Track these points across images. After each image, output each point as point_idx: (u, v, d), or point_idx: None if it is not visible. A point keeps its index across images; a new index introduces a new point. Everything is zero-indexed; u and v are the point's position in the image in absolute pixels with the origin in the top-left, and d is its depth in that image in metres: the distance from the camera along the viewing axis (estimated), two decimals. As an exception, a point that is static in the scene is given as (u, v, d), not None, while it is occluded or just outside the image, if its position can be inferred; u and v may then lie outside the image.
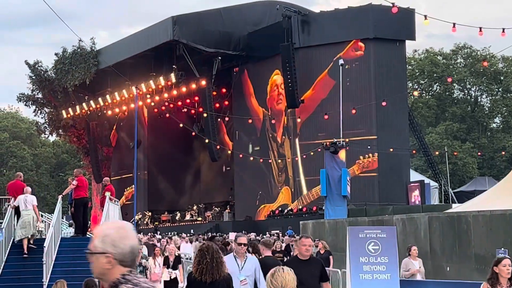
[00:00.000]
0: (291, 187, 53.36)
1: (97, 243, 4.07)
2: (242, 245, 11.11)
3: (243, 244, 11.17)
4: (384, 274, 13.97)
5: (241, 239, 11.25)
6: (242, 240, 11.22)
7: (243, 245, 11.16)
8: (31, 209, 21.60)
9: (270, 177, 55.45)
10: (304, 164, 51.87)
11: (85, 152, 70.39)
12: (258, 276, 10.99)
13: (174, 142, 64.06)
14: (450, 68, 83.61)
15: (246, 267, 11.00)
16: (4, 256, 20.85)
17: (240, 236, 11.52)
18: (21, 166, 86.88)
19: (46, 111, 67.76)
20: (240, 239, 11.25)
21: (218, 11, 56.94)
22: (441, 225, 19.96)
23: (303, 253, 11.02)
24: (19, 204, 21.65)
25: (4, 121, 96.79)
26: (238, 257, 11.04)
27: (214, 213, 59.44)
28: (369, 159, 49.45)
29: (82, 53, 62.11)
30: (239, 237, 11.41)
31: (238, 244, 11.16)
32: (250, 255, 12.14)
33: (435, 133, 77.65)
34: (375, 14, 50.52)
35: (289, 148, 53.68)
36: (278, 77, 54.15)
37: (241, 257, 11.04)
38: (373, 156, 49.48)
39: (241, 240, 11.23)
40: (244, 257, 11.09)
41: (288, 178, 53.80)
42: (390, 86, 50.01)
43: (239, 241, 11.18)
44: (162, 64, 56.19)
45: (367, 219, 26.85)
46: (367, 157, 49.41)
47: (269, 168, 55.50)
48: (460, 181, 73.55)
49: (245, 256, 11.17)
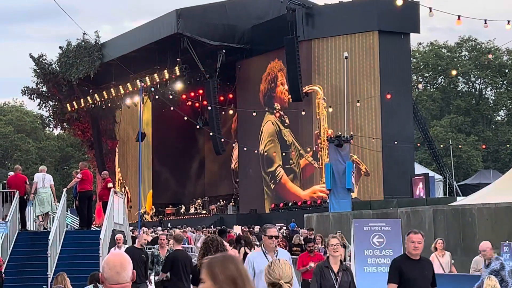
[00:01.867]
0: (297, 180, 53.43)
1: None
2: (272, 238, 9.75)
3: (274, 236, 9.80)
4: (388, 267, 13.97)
5: (271, 231, 9.85)
6: (272, 232, 9.83)
7: (274, 238, 9.78)
8: (49, 187, 22.93)
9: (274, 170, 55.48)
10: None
11: (90, 146, 70.45)
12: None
13: (178, 135, 64.10)
14: (455, 61, 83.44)
15: None
16: (9, 249, 20.90)
17: (270, 228, 9.99)
18: (26, 159, 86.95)
19: (50, 105, 67.78)
20: (269, 231, 9.84)
21: (223, 4, 56.89)
22: (445, 218, 19.98)
23: (412, 251, 9.55)
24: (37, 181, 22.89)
25: (9, 115, 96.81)
26: (268, 252, 9.70)
27: (219, 206, 59.47)
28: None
29: (86, 47, 62.08)
30: (268, 229, 9.93)
31: (268, 237, 9.79)
32: (282, 249, 10.91)
33: (439, 126, 77.52)
34: (380, 7, 50.43)
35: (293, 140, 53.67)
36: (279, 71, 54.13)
37: (271, 252, 9.71)
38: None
39: (271, 232, 9.83)
40: (274, 252, 9.76)
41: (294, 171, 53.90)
42: (395, 79, 49.93)
43: (269, 233, 9.80)
44: (167, 57, 56.16)
45: (372, 212, 26.87)
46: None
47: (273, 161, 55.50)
48: (464, 174, 73.45)
49: (276, 251, 9.83)
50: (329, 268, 9.97)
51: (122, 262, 4.75)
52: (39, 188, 22.84)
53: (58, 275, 12.40)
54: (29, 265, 20.61)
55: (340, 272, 9.97)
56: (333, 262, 10.02)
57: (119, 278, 4.65)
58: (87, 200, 23.58)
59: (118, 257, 4.80)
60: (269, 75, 55.95)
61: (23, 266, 20.49)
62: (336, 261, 10.01)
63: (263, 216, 52.34)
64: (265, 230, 9.98)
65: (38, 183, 22.87)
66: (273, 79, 55.79)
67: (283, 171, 54.57)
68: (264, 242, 9.88)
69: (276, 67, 55.28)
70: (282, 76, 54.33)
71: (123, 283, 4.66)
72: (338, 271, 9.96)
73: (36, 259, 20.61)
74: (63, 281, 12.07)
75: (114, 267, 4.67)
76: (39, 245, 21.04)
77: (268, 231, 9.80)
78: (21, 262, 20.55)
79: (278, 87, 55.31)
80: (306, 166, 52.84)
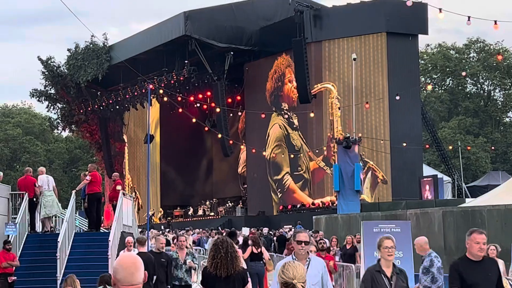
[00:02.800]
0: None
1: None
2: (302, 243, 8.74)
3: (304, 242, 8.76)
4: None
5: (301, 236, 8.84)
6: (302, 237, 8.80)
7: (304, 243, 8.75)
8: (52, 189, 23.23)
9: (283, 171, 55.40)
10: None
11: (98, 148, 70.52)
12: (326, 281, 8.97)
13: (187, 137, 64.15)
14: (463, 63, 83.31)
15: (310, 273, 8.51)
16: (18, 251, 20.92)
17: (299, 232, 9.01)
18: (34, 161, 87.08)
19: (58, 107, 67.90)
20: (299, 236, 8.84)
21: (230, 6, 56.92)
22: (455, 220, 19.91)
23: (477, 253, 8.72)
24: (42, 184, 23.01)
25: (17, 117, 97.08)
26: (299, 260, 8.52)
27: (227, 208, 59.46)
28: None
29: (94, 49, 62.18)
30: (298, 233, 8.94)
31: (298, 242, 8.77)
32: (314, 255, 9.92)
33: (448, 128, 77.37)
34: (388, 8, 50.42)
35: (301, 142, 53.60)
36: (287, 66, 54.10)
37: (302, 260, 8.64)
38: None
39: (300, 237, 8.81)
40: (306, 259, 8.75)
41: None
42: (403, 80, 49.87)
43: (299, 238, 8.80)
44: (175, 59, 56.21)
45: (381, 213, 26.80)
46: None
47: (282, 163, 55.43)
48: (473, 176, 73.28)
49: (308, 258, 8.81)
50: (381, 273, 9.07)
51: (135, 262, 4.73)
52: (45, 190, 22.97)
53: (68, 277, 12.40)
54: (38, 267, 20.62)
55: (393, 276, 9.11)
56: (385, 266, 9.08)
57: (133, 279, 4.63)
58: (95, 202, 23.61)
59: (130, 258, 4.77)
60: (275, 73, 55.86)
61: (32, 268, 20.50)
62: (388, 265, 9.09)
63: (271, 218, 52.32)
64: (294, 235, 8.99)
65: (44, 186, 23.00)
66: (280, 76, 55.65)
67: (291, 178, 54.28)
68: (294, 248, 8.87)
69: (284, 63, 55.13)
70: (290, 73, 54.12)
71: (136, 284, 4.64)
72: (392, 275, 9.11)
73: (45, 261, 20.62)
74: (73, 283, 12.07)
75: (128, 268, 4.65)
76: (48, 247, 21.05)
77: (298, 236, 8.82)
78: (30, 264, 20.55)
79: (285, 84, 55.15)
80: (316, 172, 52.49)
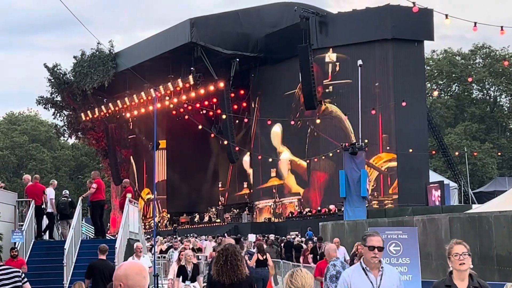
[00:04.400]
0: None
1: None
2: (375, 249, 7.06)
3: (377, 248, 7.07)
4: (405, 275, 13.87)
5: (373, 240, 7.11)
6: (375, 242, 7.09)
7: (377, 249, 7.06)
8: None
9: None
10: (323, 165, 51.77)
11: (104, 155, 70.60)
12: None
13: (193, 144, 64.16)
14: (469, 68, 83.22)
15: (384, 286, 7.13)
16: (25, 258, 20.92)
17: (371, 235, 7.18)
18: (41, 168, 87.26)
19: (65, 114, 68.07)
20: (371, 240, 7.11)
21: (236, 13, 57.01)
22: (462, 226, 19.85)
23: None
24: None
25: (24, 124, 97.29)
26: (370, 269, 7.14)
27: (233, 214, 59.42)
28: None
29: (100, 56, 62.33)
30: (370, 237, 7.15)
31: (369, 248, 7.09)
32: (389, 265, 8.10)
33: (454, 134, 77.27)
34: (393, 15, 50.40)
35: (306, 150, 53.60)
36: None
37: (374, 269, 7.14)
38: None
39: (373, 241, 7.10)
40: (379, 269, 7.16)
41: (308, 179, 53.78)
42: (409, 86, 49.81)
43: (371, 243, 7.10)
44: (180, 66, 56.30)
45: (387, 220, 26.73)
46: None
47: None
48: (479, 182, 73.12)
49: (381, 268, 7.17)
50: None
51: (144, 267, 4.83)
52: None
53: (76, 283, 12.41)
54: (45, 274, 20.60)
55: None
56: (458, 278, 6.89)
57: (145, 283, 4.72)
58: (99, 210, 23.57)
59: (138, 264, 4.87)
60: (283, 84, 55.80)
61: (39, 275, 20.47)
62: (462, 276, 6.88)
63: (278, 225, 52.28)
64: (365, 238, 7.19)
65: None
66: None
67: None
68: (364, 255, 7.19)
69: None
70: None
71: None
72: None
73: (52, 268, 20.61)
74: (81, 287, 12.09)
75: (141, 272, 4.72)
76: (54, 254, 21.06)
77: (369, 240, 7.09)
78: (37, 272, 20.54)
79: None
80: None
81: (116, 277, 4.69)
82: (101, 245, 17.44)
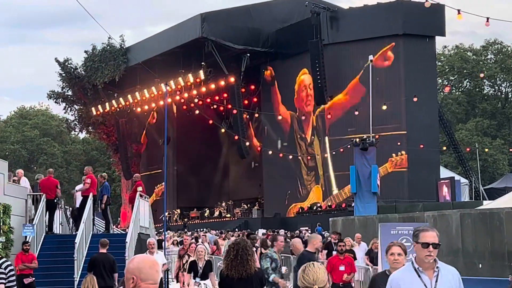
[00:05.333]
0: (322, 185, 53.13)
1: None
2: (429, 246, 6.09)
3: (432, 244, 6.10)
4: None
5: (427, 236, 6.14)
6: (429, 237, 6.13)
7: (432, 246, 6.09)
8: None
9: (300, 174, 55.28)
10: (334, 161, 51.68)
11: (115, 149, 70.73)
12: None
13: (203, 139, 64.21)
14: (480, 64, 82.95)
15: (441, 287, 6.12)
16: (36, 252, 20.98)
17: (425, 231, 6.22)
18: (51, 163, 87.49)
19: (76, 108, 68.21)
20: (424, 236, 6.14)
21: (247, 8, 56.96)
22: (473, 222, 19.80)
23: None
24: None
25: (35, 119, 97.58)
26: (424, 269, 6.18)
27: (243, 209, 59.43)
28: (401, 156, 49.10)
29: (111, 51, 62.41)
30: (423, 232, 6.17)
31: (423, 244, 6.12)
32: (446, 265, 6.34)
33: (465, 130, 77.06)
34: (405, 10, 50.23)
35: (319, 146, 53.50)
36: (306, 77, 53.96)
37: (428, 269, 6.17)
38: (401, 155, 49.20)
39: (426, 237, 6.13)
40: (434, 269, 6.17)
41: (318, 177, 53.60)
42: (420, 82, 49.67)
43: (424, 239, 6.13)
44: (191, 61, 56.31)
45: (398, 216, 26.70)
46: (399, 155, 49.08)
47: (298, 165, 55.33)
48: (490, 178, 72.89)
49: (436, 267, 6.17)
50: None
51: (156, 261, 4.82)
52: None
53: (87, 276, 12.45)
54: (55, 268, 20.67)
55: None
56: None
57: (157, 277, 4.69)
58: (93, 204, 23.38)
59: (150, 258, 4.84)
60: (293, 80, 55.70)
61: (50, 269, 20.56)
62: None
63: (288, 220, 52.26)
64: (417, 234, 6.23)
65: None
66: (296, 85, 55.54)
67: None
68: (417, 254, 6.24)
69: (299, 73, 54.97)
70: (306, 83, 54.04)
71: (157, 283, 4.69)
72: None
73: (63, 262, 20.68)
74: (92, 281, 12.12)
75: (154, 266, 4.70)
76: (65, 248, 21.12)
77: (423, 236, 6.12)
78: (48, 265, 20.61)
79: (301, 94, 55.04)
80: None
81: (129, 270, 4.64)
82: (102, 239, 17.76)
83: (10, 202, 20.37)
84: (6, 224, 19.75)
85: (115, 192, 78.27)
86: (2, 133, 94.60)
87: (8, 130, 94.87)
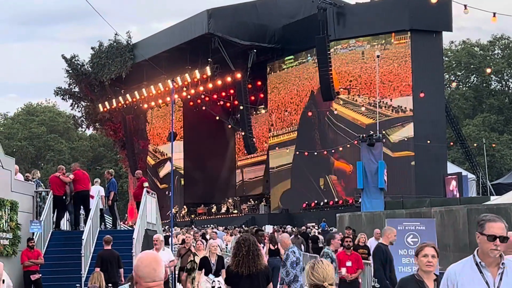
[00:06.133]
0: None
1: None
2: (496, 239, 5.35)
3: (499, 237, 5.37)
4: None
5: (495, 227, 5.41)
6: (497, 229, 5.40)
7: (499, 239, 5.37)
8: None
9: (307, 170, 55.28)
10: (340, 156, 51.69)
11: (122, 145, 70.81)
12: None
13: (210, 135, 64.21)
14: (487, 60, 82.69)
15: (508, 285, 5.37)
16: (43, 249, 21.01)
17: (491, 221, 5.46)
18: (59, 159, 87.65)
19: (82, 105, 68.29)
20: (492, 227, 5.41)
21: (253, 4, 56.92)
22: (480, 218, 19.72)
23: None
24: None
25: (42, 115, 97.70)
26: (488, 265, 5.44)
27: (250, 205, 59.45)
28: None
29: (118, 47, 62.44)
30: (489, 222, 5.44)
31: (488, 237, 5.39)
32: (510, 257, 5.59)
33: (472, 125, 76.85)
34: (411, 6, 50.10)
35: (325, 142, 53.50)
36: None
37: (492, 265, 5.44)
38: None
39: (493, 228, 5.41)
40: (499, 265, 5.43)
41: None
42: (427, 77, 49.58)
43: (491, 231, 5.40)
44: (198, 57, 56.30)
45: (405, 211, 26.62)
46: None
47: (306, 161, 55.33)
48: (498, 173, 72.69)
49: (502, 264, 5.42)
50: None
51: (156, 258, 4.74)
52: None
53: (94, 273, 12.49)
54: (63, 264, 20.68)
55: None
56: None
57: (156, 276, 4.63)
58: (80, 201, 23.16)
59: (151, 254, 4.79)
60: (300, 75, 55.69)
61: (57, 265, 20.58)
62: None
63: (295, 216, 52.24)
64: (482, 224, 5.49)
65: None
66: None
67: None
68: (480, 246, 5.50)
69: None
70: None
71: (158, 281, 4.64)
72: None
73: (70, 259, 20.67)
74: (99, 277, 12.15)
75: (150, 264, 4.65)
76: (72, 244, 21.10)
77: (489, 227, 5.40)
78: (55, 262, 20.63)
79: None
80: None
81: (133, 267, 4.71)
82: (106, 236, 18.00)
83: (17, 199, 20.37)
84: (14, 221, 19.75)
85: (122, 189, 78.35)
86: (9, 129, 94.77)
87: (15, 126, 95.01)
